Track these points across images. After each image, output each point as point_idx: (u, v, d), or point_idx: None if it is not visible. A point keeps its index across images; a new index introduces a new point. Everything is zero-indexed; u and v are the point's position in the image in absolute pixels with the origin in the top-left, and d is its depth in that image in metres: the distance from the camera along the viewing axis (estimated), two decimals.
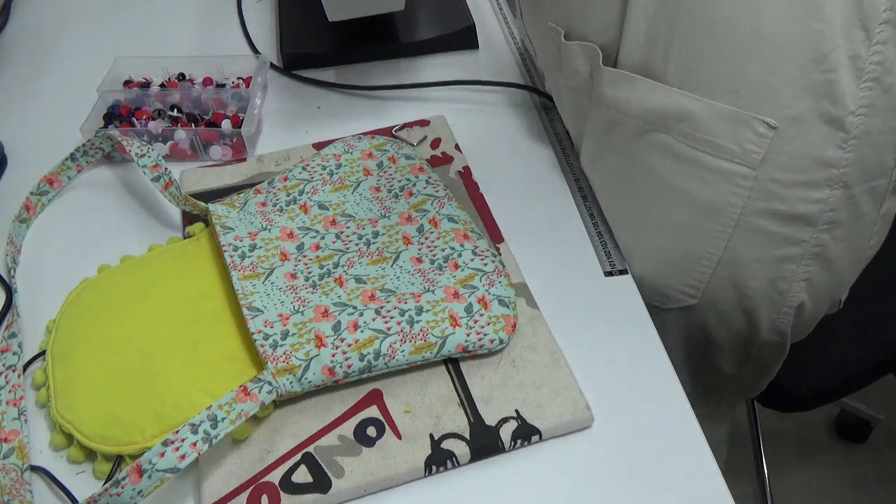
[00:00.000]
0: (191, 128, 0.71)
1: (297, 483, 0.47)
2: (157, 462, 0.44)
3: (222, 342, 0.54)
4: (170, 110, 0.74)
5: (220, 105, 0.75)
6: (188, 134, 0.71)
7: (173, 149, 0.71)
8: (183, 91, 0.76)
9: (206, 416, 0.46)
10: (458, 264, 0.57)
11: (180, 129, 0.71)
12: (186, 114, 0.74)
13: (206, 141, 0.71)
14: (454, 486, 0.49)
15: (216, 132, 0.71)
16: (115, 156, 0.72)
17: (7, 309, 0.59)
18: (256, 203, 0.62)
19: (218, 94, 0.75)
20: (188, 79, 0.79)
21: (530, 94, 0.79)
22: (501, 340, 0.53)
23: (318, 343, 0.51)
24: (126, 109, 0.74)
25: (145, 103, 0.75)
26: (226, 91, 0.75)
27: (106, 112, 0.74)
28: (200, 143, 0.71)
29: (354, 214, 0.61)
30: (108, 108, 0.75)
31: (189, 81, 0.78)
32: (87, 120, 0.72)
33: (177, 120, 0.73)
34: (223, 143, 0.71)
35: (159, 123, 0.72)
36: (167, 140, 0.71)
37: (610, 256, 0.63)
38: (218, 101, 0.75)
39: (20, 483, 0.48)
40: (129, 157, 0.66)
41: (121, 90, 0.76)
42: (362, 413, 0.51)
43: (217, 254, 0.60)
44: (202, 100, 0.75)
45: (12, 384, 0.53)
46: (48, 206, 0.69)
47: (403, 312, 0.53)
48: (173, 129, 0.71)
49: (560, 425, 0.50)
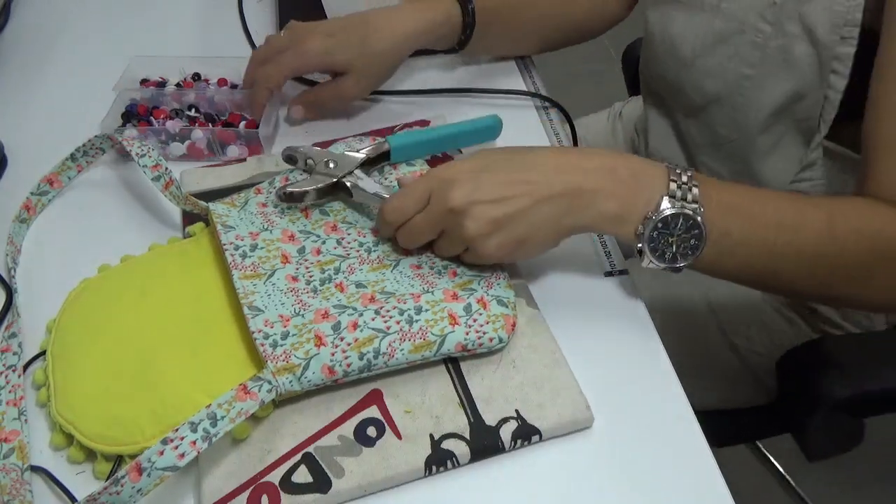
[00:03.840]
0: (208, 127, 0.72)
1: (297, 483, 0.47)
2: (157, 460, 0.44)
3: (222, 342, 0.54)
4: (187, 110, 0.75)
5: (236, 105, 0.76)
6: (205, 134, 0.71)
7: (190, 148, 0.72)
8: (198, 91, 0.76)
9: (206, 414, 0.46)
10: (457, 272, 0.57)
11: (198, 128, 0.71)
12: (203, 114, 0.75)
13: (223, 141, 0.72)
14: (454, 486, 0.49)
15: (233, 132, 0.71)
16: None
17: (7, 309, 0.59)
18: (257, 203, 0.62)
19: (233, 94, 0.76)
20: (203, 79, 0.79)
21: (531, 97, 0.79)
22: (501, 339, 0.53)
23: (317, 342, 0.51)
24: (144, 108, 0.75)
25: (161, 102, 0.76)
26: (240, 91, 0.76)
27: (124, 111, 0.75)
28: (218, 143, 0.72)
29: (355, 222, 0.61)
30: (126, 106, 0.75)
31: (204, 82, 0.79)
32: (106, 118, 0.72)
33: (194, 120, 0.74)
34: (240, 144, 0.72)
35: (177, 123, 0.73)
36: (185, 140, 0.71)
37: (610, 256, 0.63)
38: (233, 102, 0.75)
39: (20, 483, 0.48)
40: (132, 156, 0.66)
41: (137, 89, 0.77)
42: (362, 413, 0.51)
43: (217, 253, 0.60)
44: (216, 100, 0.76)
45: (12, 384, 0.53)
46: (48, 206, 0.69)
47: (403, 312, 0.53)
48: (191, 129, 0.71)
49: (560, 425, 0.50)
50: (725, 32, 0.69)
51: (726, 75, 0.71)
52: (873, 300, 0.58)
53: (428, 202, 0.54)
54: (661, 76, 0.79)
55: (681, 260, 0.52)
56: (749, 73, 0.69)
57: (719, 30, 0.70)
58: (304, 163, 0.63)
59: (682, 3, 0.72)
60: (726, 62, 0.70)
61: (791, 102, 0.68)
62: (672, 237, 0.51)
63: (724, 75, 0.71)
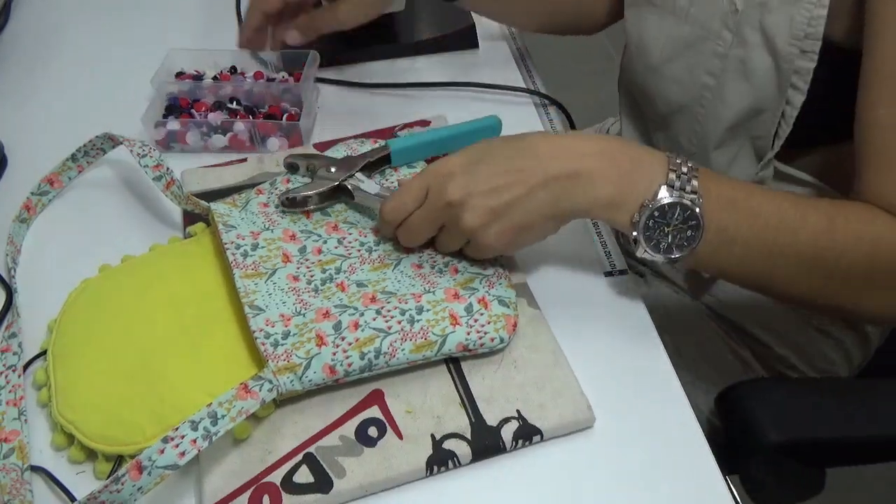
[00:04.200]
0: (249, 120, 0.73)
1: (299, 483, 0.47)
2: (157, 459, 0.44)
3: (223, 342, 0.54)
4: (228, 103, 0.75)
5: (273, 98, 0.76)
6: (246, 126, 0.72)
7: (232, 140, 0.73)
8: (236, 84, 0.77)
9: (207, 413, 0.46)
10: (458, 269, 0.57)
11: (239, 121, 0.72)
12: (244, 106, 0.75)
13: (263, 133, 0.73)
14: (455, 486, 0.49)
15: (274, 124, 0.72)
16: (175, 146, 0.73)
17: (7, 309, 0.59)
18: (259, 203, 0.62)
19: (270, 87, 0.76)
20: (240, 72, 0.80)
21: (530, 95, 0.79)
22: (502, 339, 0.53)
23: (318, 342, 0.51)
24: (185, 101, 0.76)
25: (200, 95, 0.77)
26: (276, 85, 0.77)
27: (167, 104, 0.75)
28: (259, 135, 0.73)
29: (356, 222, 0.61)
30: (168, 99, 0.76)
31: (241, 75, 0.80)
32: (147, 111, 0.72)
33: (235, 112, 0.75)
34: (280, 135, 0.73)
35: (218, 115, 0.73)
36: (226, 132, 0.73)
37: (610, 256, 0.63)
38: (271, 95, 0.76)
39: (20, 483, 0.48)
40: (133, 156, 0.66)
41: (175, 82, 0.78)
42: (363, 413, 0.51)
43: (218, 253, 0.60)
44: (255, 92, 0.76)
45: (12, 384, 0.53)
46: (48, 206, 0.69)
47: (404, 312, 0.53)
48: (232, 122, 0.72)
49: (561, 425, 0.50)
50: (691, 38, 0.68)
51: (690, 84, 0.70)
52: (870, 310, 0.57)
53: (426, 198, 0.54)
54: (632, 80, 0.78)
55: (676, 251, 0.52)
56: (710, 82, 0.68)
57: (686, 35, 0.68)
58: (305, 169, 0.64)
59: (655, 6, 0.71)
60: (691, 70, 0.69)
61: (749, 117, 0.66)
62: (668, 227, 0.51)
63: (688, 84, 0.70)
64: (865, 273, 0.53)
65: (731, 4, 0.63)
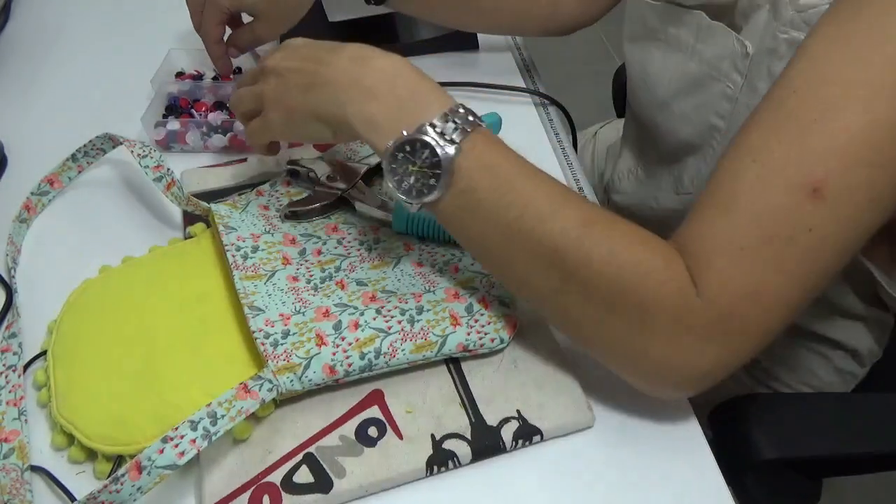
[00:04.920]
0: None
1: (299, 483, 0.47)
2: (157, 459, 0.43)
3: (223, 343, 0.54)
4: (228, 103, 0.75)
5: None
6: None
7: (232, 140, 0.73)
8: (236, 84, 0.76)
9: (206, 412, 0.46)
10: (459, 268, 0.57)
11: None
12: None
13: None
14: (455, 486, 0.49)
15: None
16: (175, 146, 0.73)
17: (7, 309, 0.59)
18: (259, 206, 0.62)
19: None
20: (240, 72, 0.80)
21: (530, 95, 0.79)
22: (502, 340, 0.53)
23: (318, 342, 0.51)
24: (185, 101, 0.76)
25: (200, 95, 0.77)
26: None
27: (168, 104, 0.75)
28: None
29: (356, 223, 0.61)
30: (168, 99, 0.76)
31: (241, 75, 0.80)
32: (147, 111, 0.72)
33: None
34: None
35: (218, 115, 0.74)
36: (226, 132, 0.73)
37: None
38: None
39: (20, 483, 0.48)
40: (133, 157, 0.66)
41: (175, 82, 0.78)
42: (364, 413, 0.51)
43: (218, 255, 0.60)
44: None
45: (12, 384, 0.53)
46: (48, 207, 0.69)
47: (404, 312, 0.53)
48: (232, 121, 0.73)
49: (562, 425, 0.50)
50: (699, 76, 0.66)
51: (698, 123, 0.68)
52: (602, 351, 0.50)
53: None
54: (638, 114, 0.77)
55: (416, 196, 0.49)
56: (719, 124, 0.67)
57: (694, 72, 0.67)
58: (306, 177, 0.64)
59: (660, 41, 0.70)
60: (698, 109, 0.68)
61: None
62: (414, 166, 0.49)
63: (696, 122, 0.68)
64: (606, 299, 0.46)
65: (742, 46, 0.62)
